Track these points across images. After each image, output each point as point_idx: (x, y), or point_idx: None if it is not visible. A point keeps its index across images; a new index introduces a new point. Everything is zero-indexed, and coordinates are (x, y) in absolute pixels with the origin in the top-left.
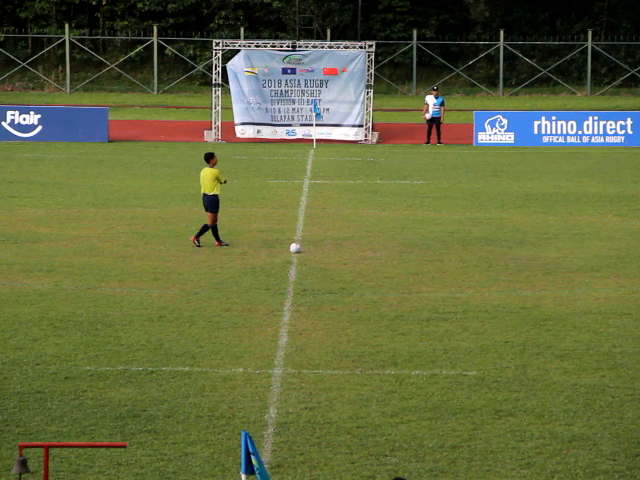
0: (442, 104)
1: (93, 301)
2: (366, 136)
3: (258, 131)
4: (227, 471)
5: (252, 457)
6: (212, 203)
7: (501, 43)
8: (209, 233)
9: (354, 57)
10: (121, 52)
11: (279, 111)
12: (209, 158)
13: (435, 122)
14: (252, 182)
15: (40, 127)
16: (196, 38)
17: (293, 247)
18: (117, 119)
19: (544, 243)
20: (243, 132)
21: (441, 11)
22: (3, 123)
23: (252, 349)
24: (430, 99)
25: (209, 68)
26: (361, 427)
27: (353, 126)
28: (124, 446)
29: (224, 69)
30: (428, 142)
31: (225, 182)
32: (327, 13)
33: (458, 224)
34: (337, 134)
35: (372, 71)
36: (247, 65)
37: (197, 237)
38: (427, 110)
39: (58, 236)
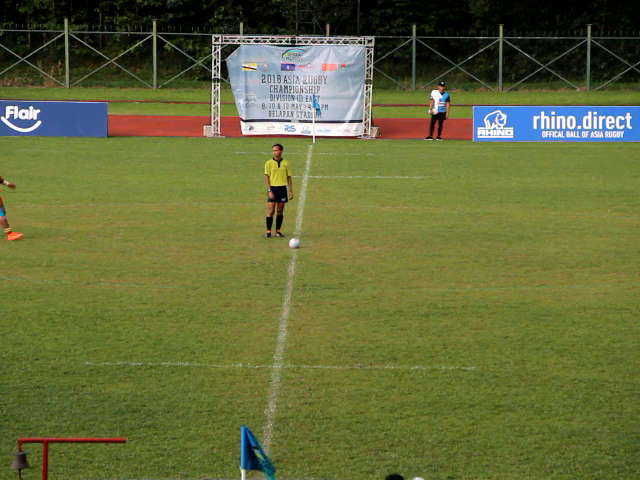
0: (447, 100)
1: (92, 296)
2: (365, 131)
3: (250, 127)
4: (226, 466)
5: (256, 451)
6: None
7: (500, 38)
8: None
9: (353, 52)
10: (120, 47)
11: (278, 107)
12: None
13: (440, 117)
14: (251, 177)
15: (39, 122)
16: (195, 33)
17: (292, 242)
18: (116, 114)
19: (543, 238)
20: (252, 128)
21: (440, 6)
22: (2, 118)
23: (251, 344)
24: (436, 94)
25: (208, 63)
26: (360, 422)
27: (352, 121)
28: (123, 441)
29: (223, 64)
30: (430, 137)
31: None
32: (326, 8)
33: (457, 219)
34: (336, 131)
35: (371, 66)
36: (246, 60)
37: (278, 229)
38: (433, 105)
39: (57, 231)
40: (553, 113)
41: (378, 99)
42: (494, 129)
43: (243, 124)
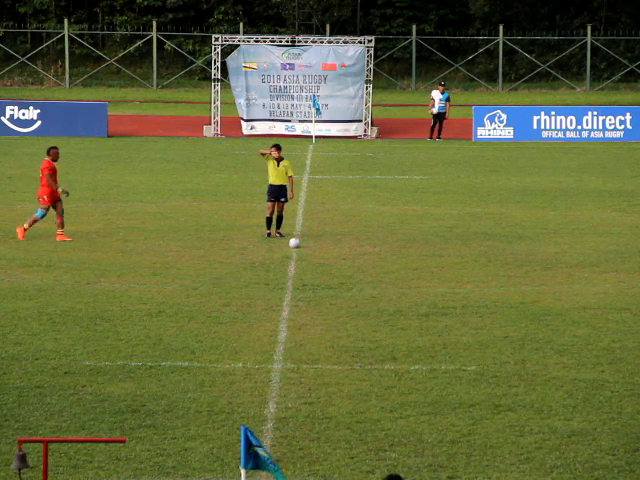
0: (448, 99)
1: (92, 296)
2: (365, 131)
3: (251, 127)
4: (226, 466)
5: (259, 449)
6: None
7: (500, 38)
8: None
9: (353, 52)
10: (120, 47)
11: (278, 107)
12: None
13: (440, 117)
14: (251, 177)
15: (39, 122)
16: (195, 33)
17: (292, 242)
18: (116, 114)
19: (543, 238)
20: (253, 127)
21: (440, 6)
22: (2, 118)
23: (251, 344)
24: (436, 94)
25: (208, 63)
26: (360, 422)
27: (352, 121)
28: (123, 441)
29: (223, 64)
30: (431, 137)
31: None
32: (326, 8)
33: (457, 219)
34: (336, 130)
35: (371, 66)
36: (246, 60)
37: (277, 229)
38: (433, 105)
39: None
40: (553, 113)
41: (378, 99)
42: (494, 129)
43: (244, 123)
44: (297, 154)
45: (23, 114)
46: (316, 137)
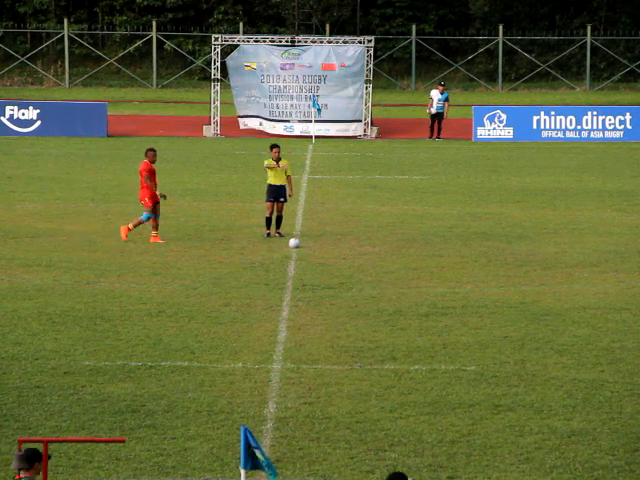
0: (446, 100)
1: (92, 296)
2: (365, 131)
3: (260, 123)
4: (226, 466)
5: (256, 451)
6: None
7: (500, 38)
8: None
9: (353, 52)
10: (120, 47)
11: (277, 107)
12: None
13: (438, 117)
14: (251, 177)
15: (39, 122)
16: (195, 33)
17: (292, 242)
18: (116, 114)
19: (543, 238)
20: (246, 124)
21: (440, 6)
22: (2, 118)
23: (251, 344)
24: (435, 94)
25: (208, 63)
26: (360, 422)
27: (352, 121)
28: (123, 441)
29: (223, 64)
30: (431, 137)
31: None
32: (326, 8)
33: (457, 219)
34: (335, 130)
35: (371, 66)
36: (246, 60)
37: (277, 229)
38: (432, 104)
39: (57, 231)
40: (553, 113)
41: (378, 99)
42: (494, 129)
43: (242, 120)
44: (297, 154)
45: (23, 114)
46: (316, 137)
